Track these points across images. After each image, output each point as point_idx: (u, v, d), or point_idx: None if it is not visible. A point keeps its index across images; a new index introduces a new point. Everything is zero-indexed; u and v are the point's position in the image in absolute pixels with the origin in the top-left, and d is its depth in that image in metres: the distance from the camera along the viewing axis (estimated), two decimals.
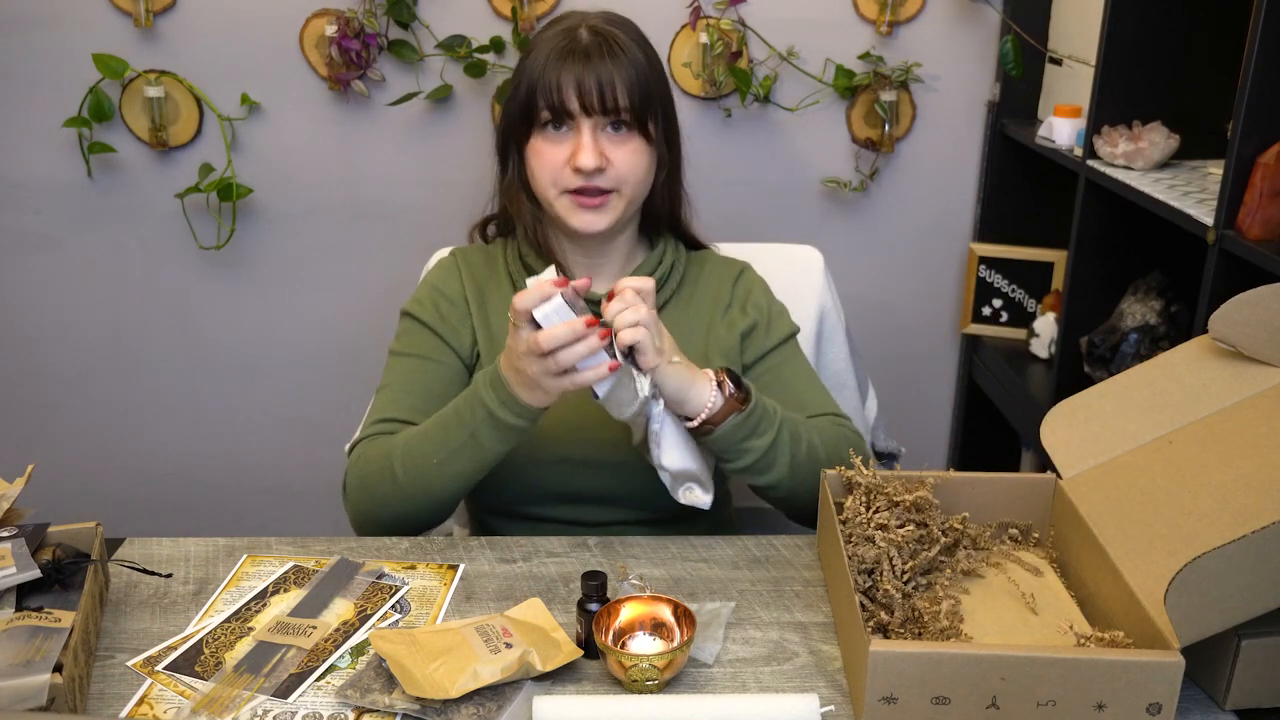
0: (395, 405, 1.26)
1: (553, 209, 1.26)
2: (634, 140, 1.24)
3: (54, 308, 2.21)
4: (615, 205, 1.25)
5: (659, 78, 1.26)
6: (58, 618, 0.93)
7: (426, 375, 1.29)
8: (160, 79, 2.04)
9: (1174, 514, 0.98)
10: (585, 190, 1.23)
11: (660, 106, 1.27)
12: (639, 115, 1.23)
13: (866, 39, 2.06)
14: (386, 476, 1.18)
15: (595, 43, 1.22)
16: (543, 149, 1.24)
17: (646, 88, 1.23)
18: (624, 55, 1.22)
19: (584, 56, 1.21)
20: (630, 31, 1.26)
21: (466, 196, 2.11)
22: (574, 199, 1.24)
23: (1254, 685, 0.92)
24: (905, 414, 2.28)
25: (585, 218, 1.24)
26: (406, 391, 1.27)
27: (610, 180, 1.23)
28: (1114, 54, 1.67)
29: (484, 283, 1.35)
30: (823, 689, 0.96)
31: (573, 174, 1.22)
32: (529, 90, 1.23)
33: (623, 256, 1.34)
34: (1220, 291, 1.33)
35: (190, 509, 2.38)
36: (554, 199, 1.25)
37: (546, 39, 1.24)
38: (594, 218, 1.24)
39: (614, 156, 1.23)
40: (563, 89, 1.20)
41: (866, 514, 1.08)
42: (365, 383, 1.63)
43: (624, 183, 1.24)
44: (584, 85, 1.20)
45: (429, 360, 1.30)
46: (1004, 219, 2.16)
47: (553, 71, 1.21)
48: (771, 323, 1.35)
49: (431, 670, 0.93)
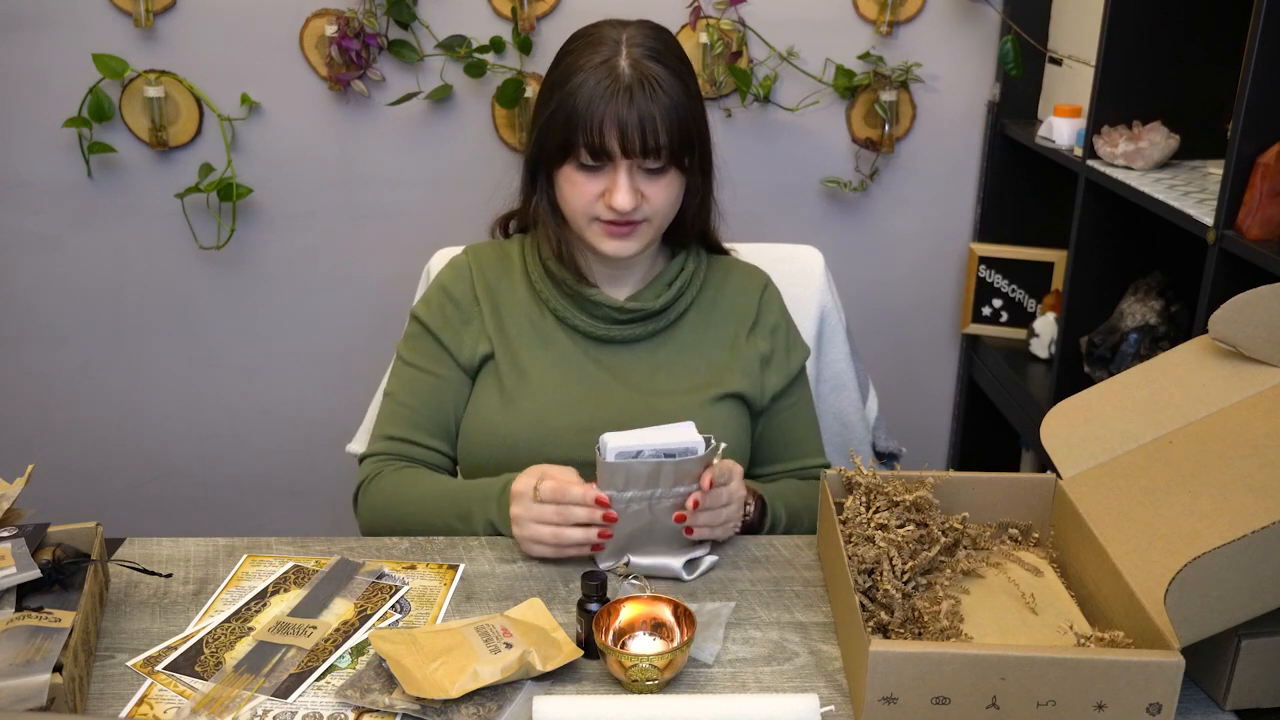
0: (399, 420, 1.32)
1: (583, 235, 1.27)
2: (669, 174, 1.24)
3: (54, 308, 2.21)
4: (645, 233, 1.26)
5: (697, 110, 1.25)
6: (58, 618, 0.93)
7: (428, 389, 1.32)
8: (160, 79, 2.04)
9: (1174, 514, 0.98)
10: (617, 221, 1.24)
11: (698, 141, 1.26)
12: (676, 155, 1.23)
13: (866, 39, 2.06)
14: (396, 523, 1.25)
15: (637, 80, 1.19)
16: (578, 180, 1.24)
17: (685, 127, 1.22)
18: (667, 96, 1.20)
19: (627, 97, 1.19)
20: (669, 60, 1.23)
21: (466, 196, 2.13)
22: (605, 227, 1.25)
23: (1254, 685, 0.92)
24: (905, 414, 2.28)
25: (615, 245, 1.26)
26: (411, 407, 1.32)
27: (643, 213, 1.24)
28: (1114, 54, 1.67)
29: (496, 281, 1.35)
30: (823, 689, 0.96)
31: (605, 208, 1.23)
32: (566, 122, 1.21)
33: (645, 266, 1.35)
34: (1220, 291, 1.33)
35: (190, 509, 2.38)
36: (585, 226, 1.26)
37: (586, 68, 1.21)
38: (624, 245, 1.26)
39: (648, 193, 1.23)
40: (604, 131, 1.19)
41: (866, 514, 1.08)
42: (365, 382, 1.64)
43: (656, 214, 1.25)
44: (626, 129, 1.19)
45: (430, 374, 1.32)
46: (1004, 219, 2.16)
47: (595, 111, 1.19)
48: (790, 351, 1.38)
49: (431, 670, 0.93)
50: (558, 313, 1.32)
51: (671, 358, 1.32)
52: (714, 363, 1.33)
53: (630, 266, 1.33)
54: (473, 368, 1.32)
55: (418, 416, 1.31)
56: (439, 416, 1.32)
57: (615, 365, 1.31)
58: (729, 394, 1.30)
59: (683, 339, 1.34)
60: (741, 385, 1.32)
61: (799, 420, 1.38)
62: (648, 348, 1.33)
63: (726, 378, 1.31)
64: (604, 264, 1.32)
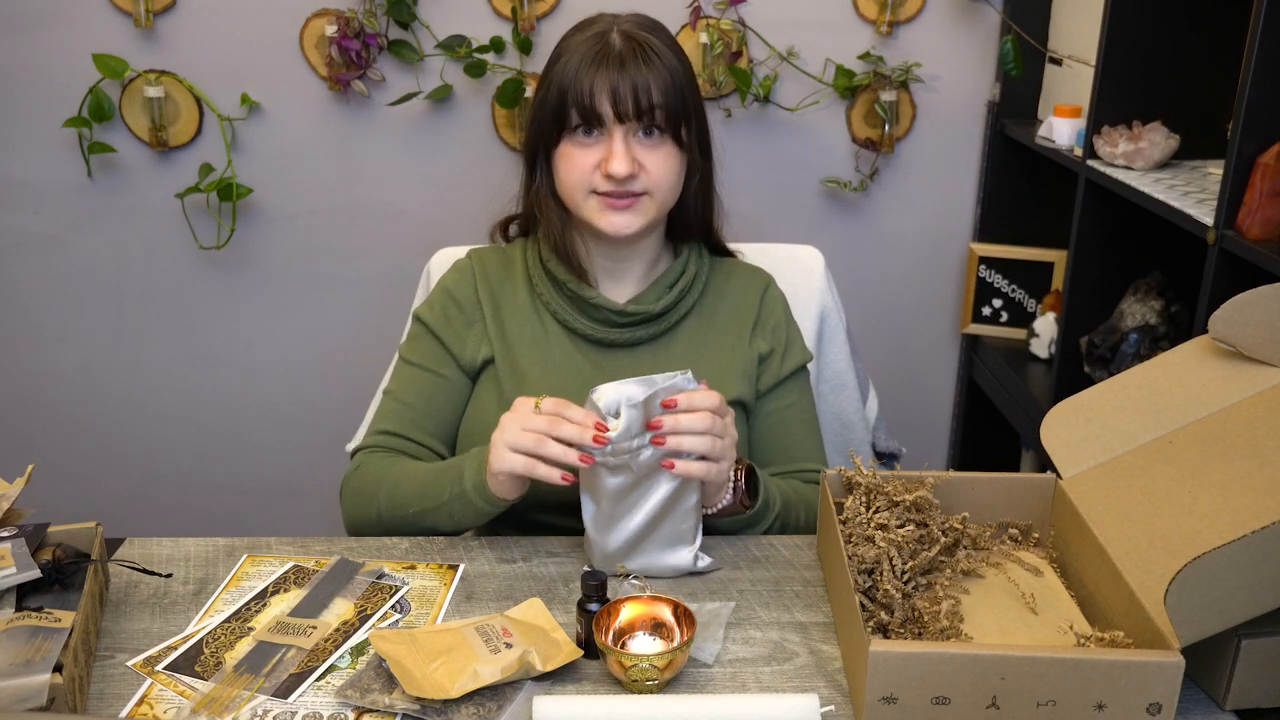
0: (397, 418, 1.30)
1: (581, 211, 1.25)
2: (666, 146, 1.23)
3: (54, 308, 2.21)
4: (646, 207, 1.24)
5: (692, 84, 1.25)
6: (58, 618, 0.93)
7: (428, 388, 1.31)
8: (160, 79, 2.04)
9: (1174, 514, 0.98)
10: (615, 193, 1.22)
11: (694, 112, 1.26)
12: (672, 121, 1.22)
13: (866, 39, 2.06)
14: (373, 504, 1.23)
15: (629, 47, 1.20)
16: (572, 153, 1.23)
17: (680, 93, 1.22)
18: (658, 60, 1.20)
19: (618, 62, 1.19)
20: (663, 35, 1.25)
21: (467, 196, 2.13)
22: (604, 200, 1.23)
23: (1254, 685, 0.92)
24: (905, 414, 2.28)
25: (615, 219, 1.23)
26: (408, 404, 1.31)
27: (642, 184, 1.23)
28: (1114, 54, 1.67)
29: (499, 285, 1.35)
30: (823, 689, 0.96)
31: (603, 178, 1.22)
32: (559, 95, 1.21)
33: (646, 263, 1.33)
34: (1220, 291, 1.33)
35: (190, 509, 2.38)
36: (582, 201, 1.24)
37: (577, 44, 1.22)
38: (624, 219, 1.24)
39: (646, 162, 1.22)
40: (595, 94, 1.19)
41: (866, 514, 1.08)
42: (365, 382, 1.63)
43: (656, 187, 1.24)
44: (618, 91, 1.19)
45: (432, 373, 1.32)
46: (1004, 219, 2.16)
47: (585, 76, 1.19)
48: (788, 351, 1.37)
49: (431, 670, 0.93)
50: (558, 316, 1.31)
51: (672, 362, 1.32)
52: (715, 368, 1.32)
53: (630, 260, 1.32)
54: (474, 370, 1.32)
55: (415, 414, 1.30)
56: (437, 416, 1.31)
57: (615, 369, 1.30)
58: (730, 401, 1.30)
59: (684, 343, 1.33)
60: (741, 391, 1.31)
61: (795, 423, 1.36)
62: (648, 351, 1.32)
63: (727, 383, 1.30)
64: (605, 254, 1.31)
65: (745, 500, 1.19)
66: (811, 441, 1.37)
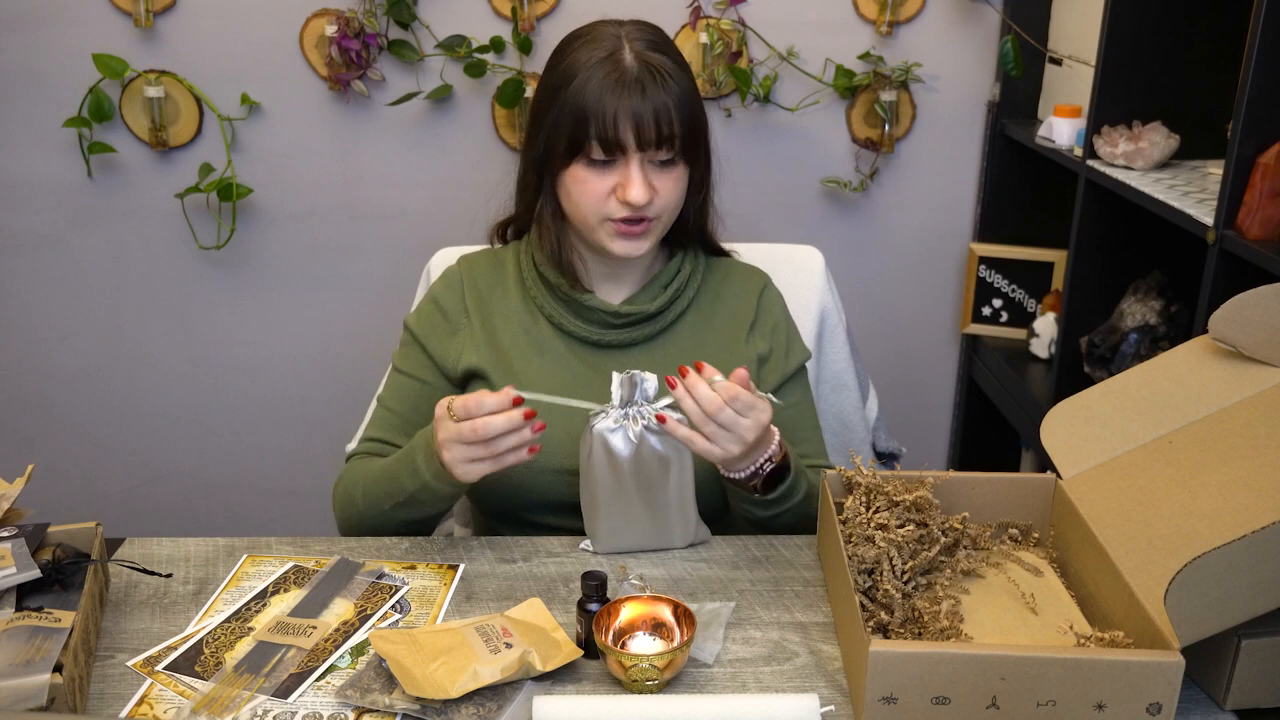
0: (386, 424, 1.33)
1: (594, 235, 1.26)
2: (678, 169, 1.24)
3: (54, 308, 2.21)
4: (654, 231, 1.26)
5: (699, 100, 1.25)
6: (58, 618, 0.93)
7: (415, 396, 1.33)
8: (160, 79, 2.04)
9: (1174, 514, 0.98)
10: (630, 219, 1.23)
11: (703, 130, 1.26)
12: (687, 146, 1.23)
13: (866, 39, 2.06)
14: (355, 504, 1.25)
15: (645, 72, 1.19)
16: (587, 178, 1.22)
17: (695, 118, 1.23)
18: (673, 83, 1.20)
19: (637, 89, 1.18)
20: (671, 52, 1.24)
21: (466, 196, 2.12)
22: (616, 227, 1.24)
23: (1254, 685, 0.92)
24: (905, 414, 2.28)
25: (627, 245, 1.25)
26: (395, 411, 1.33)
27: (655, 210, 1.24)
28: (1114, 54, 1.67)
29: (489, 290, 1.34)
30: (823, 689, 0.96)
31: (618, 204, 1.22)
32: (576, 120, 1.19)
33: (643, 266, 1.34)
34: (1220, 291, 1.33)
35: (190, 509, 2.38)
36: (596, 226, 1.24)
37: (588, 64, 1.20)
38: (636, 245, 1.25)
39: (659, 186, 1.23)
40: (619, 124, 1.18)
41: (866, 514, 1.08)
42: (364, 383, 1.64)
43: (665, 210, 1.25)
44: (641, 120, 1.18)
45: (418, 381, 1.33)
46: (1004, 219, 2.16)
47: (607, 105, 1.18)
48: (789, 351, 1.37)
49: (431, 670, 0.93)
50: (552, 318, 1.31)
51: (669, 362, 1.31)
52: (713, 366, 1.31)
53: (630, 266, 1.33)
54: (457, 378, 1.32)
55: (401, 421, 1.32)
56: (424, 423, 1.29)
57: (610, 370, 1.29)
58: None
59: (680, 343, 1.33)
60: None
61: (798, 421, 1.36)
62: (644, 351, 1.32)
63: None
64: (605, 264, 1.32)
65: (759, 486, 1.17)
66: (816, 438, 1.38)
